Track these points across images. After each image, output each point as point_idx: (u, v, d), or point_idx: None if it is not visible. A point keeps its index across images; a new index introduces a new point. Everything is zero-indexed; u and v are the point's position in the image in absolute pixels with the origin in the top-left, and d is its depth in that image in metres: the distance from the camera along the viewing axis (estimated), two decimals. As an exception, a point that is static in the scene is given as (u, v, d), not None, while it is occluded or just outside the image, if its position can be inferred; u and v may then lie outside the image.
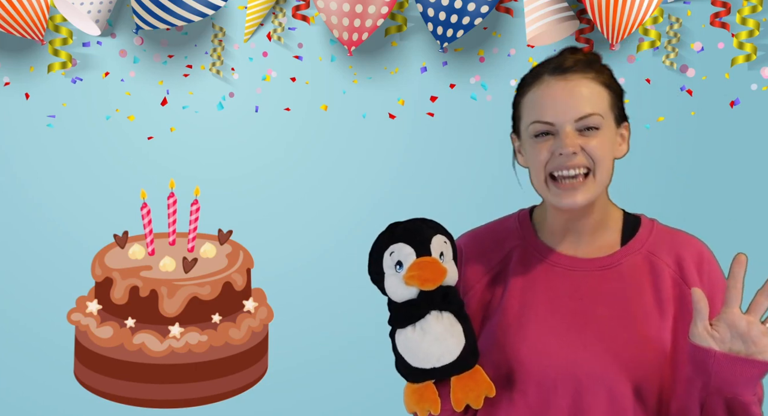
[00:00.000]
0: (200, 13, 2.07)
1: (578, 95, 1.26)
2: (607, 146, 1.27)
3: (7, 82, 2.22)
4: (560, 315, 1.30)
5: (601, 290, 1.30)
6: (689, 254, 1.32)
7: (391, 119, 2.31)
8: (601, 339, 1.27)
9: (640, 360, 1.26)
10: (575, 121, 1.25)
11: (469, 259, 1.40)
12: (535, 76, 1.30)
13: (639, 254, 1.32)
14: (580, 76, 1.27)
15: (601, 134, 1.26)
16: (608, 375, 1.26)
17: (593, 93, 1.26)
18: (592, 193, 1.27)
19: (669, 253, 1.32)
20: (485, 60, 2.28)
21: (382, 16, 2.11)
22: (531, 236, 1.38)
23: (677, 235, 1.36)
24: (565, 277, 1.32)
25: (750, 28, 2.19)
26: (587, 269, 1.32)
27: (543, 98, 1.27)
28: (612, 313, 1.29)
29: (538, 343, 1.29)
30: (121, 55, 2.23)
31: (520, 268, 1.35)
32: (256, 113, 2.29)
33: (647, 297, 1.30)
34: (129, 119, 2.26)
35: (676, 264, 1.31)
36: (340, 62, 2.27)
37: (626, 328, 1.27)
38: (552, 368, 1.28)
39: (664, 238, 1.34)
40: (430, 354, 1.20)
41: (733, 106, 2.29)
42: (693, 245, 1.34)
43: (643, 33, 2.22)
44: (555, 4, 2.12)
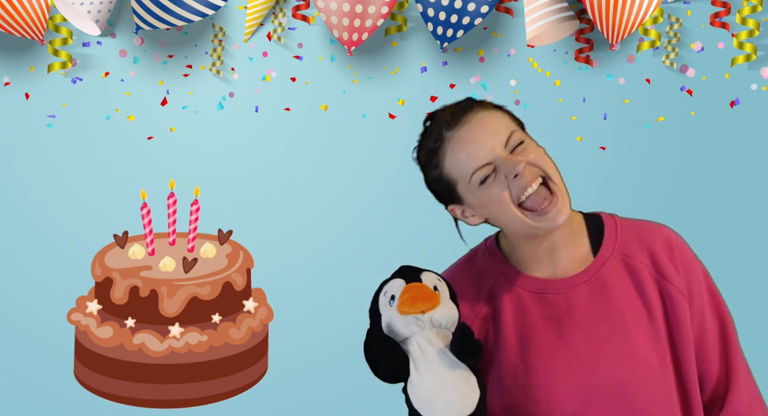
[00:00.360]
0: (200, 13, 2.07)
1: (486, 126, 1.26)
2: (540, 150, 1.28)
3: (7, 82, 2.22)
4: (561, 344, 1.28)
5: (592, 308, 1.29)
6: (659, 246, 1.31)
7: (391, 119, 2.31)
8: (607, 360, 1.26)
9: (648, 371, 1.25)
10: (503, 147, 1.25)
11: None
12: (437, 141, 1.30)
13: (614, 259, 1.31)
14: (470, 114, 1.28)
15: (528, 145, 1.27)
16: (622, 395, 1.25)
17: (492, 119, 1.28)
18: (565, 204, 1.26)
19: (640, 250, 1.32)
20: (485, 60, 2.28)
21: (382, 16, 2.11)
22: (507, 267, 1.35)
23: (642, 228, 1.35)
24: (554, 302, 1.30)
25: (750, 28, 2.19)
26: (572, 288, 1.30)
27: (461, 150, 1.26)
28: (609, 329, 1.27)
29: (546, 378, 1.27)
30: (121, 55, 2.23)
31: (507, 304, 1.32)
32: (256, 113, 2.29)
33: (635, 303, 1.29)
34: (129, 119, 2.26)
35: (651, 260, 1.31)
36: (340, 62, 2.27)
37: (626, 342, 1.26)
38: (567, 400, 1.26)
39: (630, 235, 1.33)
40: (451, 407, 1.12)
41: (733, 106, 2.29)
42: (659, 234, 1.33)
43: (643, 33, 2.22)
44: (555, 4, 2.12)
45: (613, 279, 1.30)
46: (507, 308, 1.32)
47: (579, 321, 1.28)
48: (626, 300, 1.29)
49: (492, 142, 1.25)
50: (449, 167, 1.28)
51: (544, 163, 1.26)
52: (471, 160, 1.25)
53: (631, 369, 1.25)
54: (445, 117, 1.30)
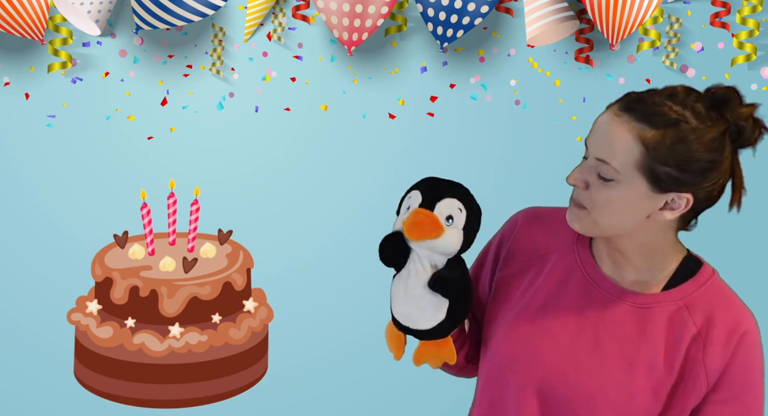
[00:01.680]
0: (200, 13, 2.08)
1: (606, 137, 1.18)
2: (616, 204, 1.18)
3: (7, 82, 2.22)
4: (571, 334, 1.27)
5: (623, 327, 1.25)
6: (725, 322, 1.21)
7: (391, 119, 2.31)
8: (597, 371, 1.25)
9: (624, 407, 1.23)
10: (595, 158, 1.19)
11: (521, 234, 1.38)
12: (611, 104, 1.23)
13: (676, 305, 1.24)
14: (627, 120, 1.17)
15: (616, 189, 1.17)
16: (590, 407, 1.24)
17: (622, 144, 1.16)
18: (586, 228, 1.22)
19: (704, 312, 1.22)
20: (485, 60, 2.28)
21: (382, 16, 2.11)
22: (583, 243, 1.33)
23: (727, 299, 1.24)
24: (596, 298, 1.27)
25: (750, 28, 2.19)
26: (620, 299, 1.26)
27: (596, 125, 1.22)
28: (622, 353, 1.24)
29: (537, 352, 1.28)
30: (121, 55, 2.23)
31: (558, 271, 1.32)
32: (256, 113, 2.29)
33: (660, 351, 1.23)
34: (129, 119, 2.26)
35: (705, 326, 1.22)
36: (340, 62, 2.27)
37: (626, 373, 1.23)
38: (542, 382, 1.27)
39: (710, 297, 1.24)
40: (408, 316, 1.25)
41: (733, 106, 2.29)
42: (736, 313, 1.23)
43: (643, 33, 2.22)
44: (555, 4, 2.12)
45: (658, 319, 1.24)
46: (555, 275, 1.32)
47: (602, 328, 1.26)
48: (655, 343, 1.23)
49: (596, 149, 1.19)
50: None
51: (593, 207, 1.20)
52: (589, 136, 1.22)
53: (610, 393, 1.23)
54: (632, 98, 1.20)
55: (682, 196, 1.18)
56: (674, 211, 1.19)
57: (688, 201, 1.19)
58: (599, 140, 1.19)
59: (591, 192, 1.20)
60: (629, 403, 1.23)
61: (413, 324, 1.25)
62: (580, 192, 1.22)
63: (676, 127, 1.15)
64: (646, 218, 1.20)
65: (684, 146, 1.15)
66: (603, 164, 1.18)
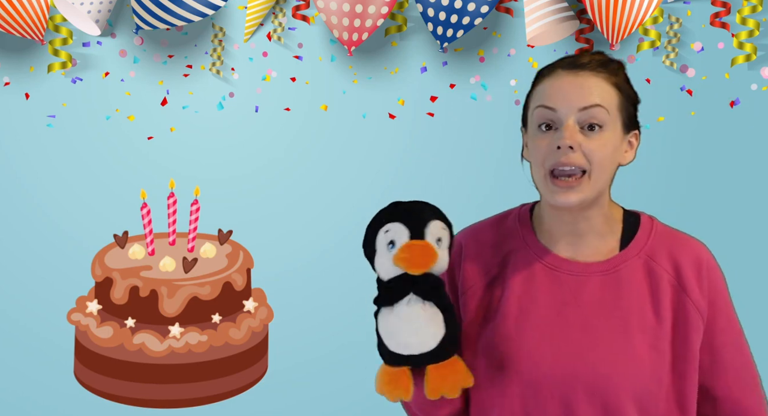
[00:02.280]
0: (200, 13, 2.07)
1: (586, 87, 1.25)
2: (609, 149, 1.25)
3: (7, 82, 2.22)
4: (558, 324, 1.28)
5: (600, 299, 1.28)
6: (688, 259, 1.29)
7: (391, 119, 2.31)
8: (597, 350, 1.26)
9: (636, 373, 1.24)
10: (579, 110, 1.23)
11: (468, 256, 1.38)
12: (550, 69, 1.30)
13: (638, 259, 1.30)
14: (591, 74, 1.26)
15: (604, 135, 1.25)
16: (603, 388, 1.24)
17: (602, 90, 1.25)
18: (586, 194, 1.25)
19: (667, 258, 1.30)
20: (485, 60, 2.28)
21: (382, 16, 2.11)
22: (530, 237, 1.35)
23: (676, 237, 1.33)
24: (564, 282, 1.30)
25: (750, 28, 2.19)
26: (586, 274, 1.30)
27: (551, 87, 1.27)
28: (610, 324, 1.26)
29: (534, 352, 1.27)
30: (121, 55, 2.23)
31: (519, 271, 1.33)
32: (256, 113, 2.29)
33: (645, 306, 1.27)
34: (129, 119, 2.26)
35: (675, 270, 1.29)
36: (340, 62, 2.27)
37: (623, 341, 1.25)
38: (547, 378, 1.26)
39: (662, 241, 1.32)
40: (409, 343, 1.18)
41: (733, 106, 2.29)
42: (691, 248, 1.31)
43: (643, 33, 2.22)
44: (555, 4, 2.12)
45: (630, 278, 1.29)
46: (517, 276, 1.32)
47: (582, 308, 1.28)
48: (636, 301, 1.28)
49: (575, 100, 1.24)
50: (535, 92, 1.30)
51: (596, 160, 1.24)
52: (546, 97, 1.26)
53: (619, 366, 1.25)
54: (575, 58, 1.29)
55: (632, 132, 1.31)
56: (631, 150, 1.31)
57: (637, 137, 1.32)
58: (576, 93, 1.24)
59: (583, 148, 1.23)
60: (640, 370, 1.24)
61: (417, 349, 1.18)
62: (570, 157, 1.23)
63: (622, 69, 1.31)
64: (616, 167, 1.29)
65: (630, 84, 1.31)
66: (593, 109, 1.24)
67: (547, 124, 1.26)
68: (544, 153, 1.25)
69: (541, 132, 1.26)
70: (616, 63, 1.30)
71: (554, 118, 1.25)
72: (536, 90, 1.30)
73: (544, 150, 1.25)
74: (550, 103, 1.25)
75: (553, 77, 1.27)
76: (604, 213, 1.31)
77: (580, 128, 1.24)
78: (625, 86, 1.29)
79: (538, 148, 1.26)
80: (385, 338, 1.19)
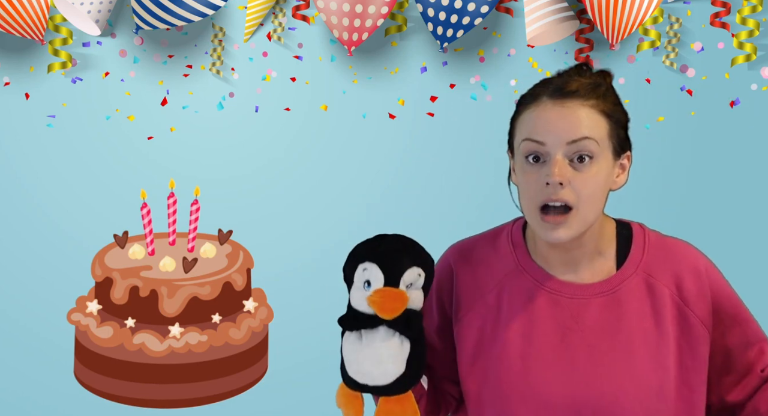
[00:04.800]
0: (200, 13, 2.08)
1: (574, 119, 1.21)
2: (600, 179, 1.22)
3: (7, 82, 2.22)
4: (562, 349, 1.27)
5: (602, 321, 1.27)
6: (686, 270, 1.28)
7: (391, 119, 2.31)
8: (603, 373, 1.25)
9: (643, 392, 1.24)
10: (567, 144, 1.20)
11: (460, 281, 1.36)
12: (535, 96, 1.26)
13: (636, 276, 1.28)
14: (579, 103, 1.22)
15: (593, 167, 1.21)
16: (610, 411, 1.24)
17: (591, 120, 1.21)
18: (575, 229, 1.22)
19: (666, 273, 1.28)
20: (485, 60, 2.28)
21: (382, 16, 2.11)
22: (525, 259, 1.33)
23: (670, 249, 1.31)
24: (565, 306, 1.28)
25: (750, 28, 2.19)
26: (586, 297, 1.28)
27: (538, 118, 1.23)
28: (614, 346, 1.25)
29: (541, 381, 1.26)
30: (121, 55, 2.23)
31: (517, 297, 1.31)
32: (256, 113, 2.29)
33: (648, 324, 1.26)
34: (129, 119, 2.26)
35: (675, 285, 1.27)
36: (340, 62, 2.27)
37: (628, 362, 1.25)
38: (555, 405, 1.25)
39: (657, 254, 1.30)
40: (367, 373, 1.20)
41: (733, 106, 2.29)
42: (687, 257, 1.30)
43: (643, 33, 2.22)
44: (555, 4, 2.12)
45: (630, 297, 1.27)
46: (516, 301, 1.30)
47: (585, 332, 1.27)
48: (638, 320, 1.26)
49: (563, 134, 1.20)
50: (520, 120, 1.27)
51: (585, 195, 1.21)
52: (533, 129, 1.23)
53: (626, 388, 1.24)
54: (561, 84, 1.25)
55: (624, 155, 1.28)
56: (622, 173, 1.28)
57: (629, 158, 1.29)
58: (564, 126, 1.20)
59: (573, 183, 1.20)
60: (646, 389, 1.24)
61: (374, 381, 1.20)
62: (559, 194, 1.20)
63: (610, 91, 1.26)
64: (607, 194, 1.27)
65: (621, 106, 1.27)
66: (582, 142, 1.20)
67: (535, 156, 1.22)
68: (534, 189, 1.22)
69: (529, 164, 1.23)
70: (603, 84, 1.26)
71: (542, 151, 1.22)
72: (522, 118, 1.26)
73: (533, 185, 1.22)
74: (538, 136, 1.22)
75: (539, 108, 1.23)
76: (596, 237, 1.29)
77: (569, 161, 1.21)
78: (614, 110, 1.25)
79: (527, 182, 1.24)
80: (347, 362, 1.21)
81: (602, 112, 1.23)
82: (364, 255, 1.23)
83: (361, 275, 1.22)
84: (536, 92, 1.26)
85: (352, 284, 1.25)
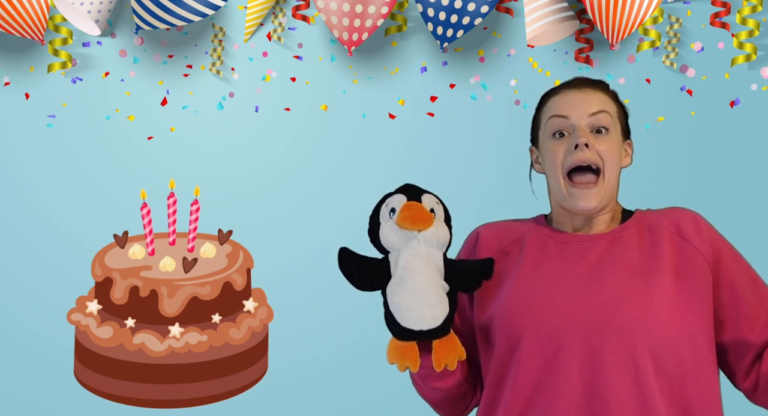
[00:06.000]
0: (200, 13, 2.08)
1: (592, 98, 1.44)
2: (615, 150, 1.42)
3: (7, 82, 2.22)
4: (572, 278, 1.38)
5: (605, 254, 1.39)
6: (685, 221, 1.42)
7: (391, 119, 2.31)
8: (613, 298, 1.33)
9: (653, 317, 1.31)
10: (588, 116, 1.41)
11: (484, 240, 1.51)
12: (555, 90, 1.49)
13: (638, 226, 1.43)
14: (592, 89, 1.46)
15: (610, 137, 1.42)
16: (622, 334, 1.30)
17: (604, 100, 1.45)
18: (602, 195, 1.40)
19: (666, 221, 1.43)
20: (485, 60, 2.28)
21: (382, 16, 2.11)
22: (544, 225, 1.50)
23: (672, 209, 1.47)
24: (573, 249, 1.42)
25: (750, 28, 2.19)
26: (592, 241, 1.42)
27: (561, 101, 1.45)
28: (615, 270, 1.36)
29: (551, 308, 1.34)
30: (121, 55, 2.23)
31: (532, 245, 1.45)
32: (256, 113, 2.29)
33: (645, 249, 1.39)
34: (129, 119, 2.26)
35: (674, 226, 1.41)
36: (340, 62, 2.27)
37: (637, 285, 1.34)
38: (565, 333, 1.33)
39: (658, 214, 1.46)
40: (422, 319, 1.28)
41: (733, 106, 2.29)
42: (688, 213, 1.45)
43: (643, 33, 2.22)
44: (555, 4, 2.12)
45: (631, 238, 1.41)
46: (531, 247, 1.45)
47: (593, 263, 1.39)
48: (638, 249, 1.39)
49: (584, 108, 1.42)
50: (544, 110, 1.48)
51: (607, 159, 1.40)
52: (557, 108, 1.44)
53: (626, 300, 1.33)
54: (575, 82, 1.49)
55: (627, 141, 1.49)
56: (628, 156, 1.49)
57: (630, 145, 1.50)
58: (584, 103, 1.43)
59: (596, 148, 1.40)
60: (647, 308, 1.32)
61: (428, 325, 1.28)
62: (586, 154, 1.38)
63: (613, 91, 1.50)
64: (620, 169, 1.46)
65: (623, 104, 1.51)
66: (600, 114, 1.42)
67: (561, 132, 1.43)
68: (562, 156, 1.41)
69: (555, 140, 1.43)
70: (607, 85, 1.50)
71: (567, 125, 1.42)
72: (545, 107, 1.48)
73: (560, 155, 1.41)
74: (563, 112, 1.43)
75: (560, 94, 1.47)
76: (610, 216, 1.47)
77: (590, 132, 1.41)
78: (619, 102, 1.49)
79: (554, 154, 1.42)
80: (397, 314, 1.29)
81: (611, 97, 1.47)
82: (384, 197, 1.35)
83: (385, 210, 1.33)
84: (556, 88, 1.50)
85: (378, 231, 1.33)
